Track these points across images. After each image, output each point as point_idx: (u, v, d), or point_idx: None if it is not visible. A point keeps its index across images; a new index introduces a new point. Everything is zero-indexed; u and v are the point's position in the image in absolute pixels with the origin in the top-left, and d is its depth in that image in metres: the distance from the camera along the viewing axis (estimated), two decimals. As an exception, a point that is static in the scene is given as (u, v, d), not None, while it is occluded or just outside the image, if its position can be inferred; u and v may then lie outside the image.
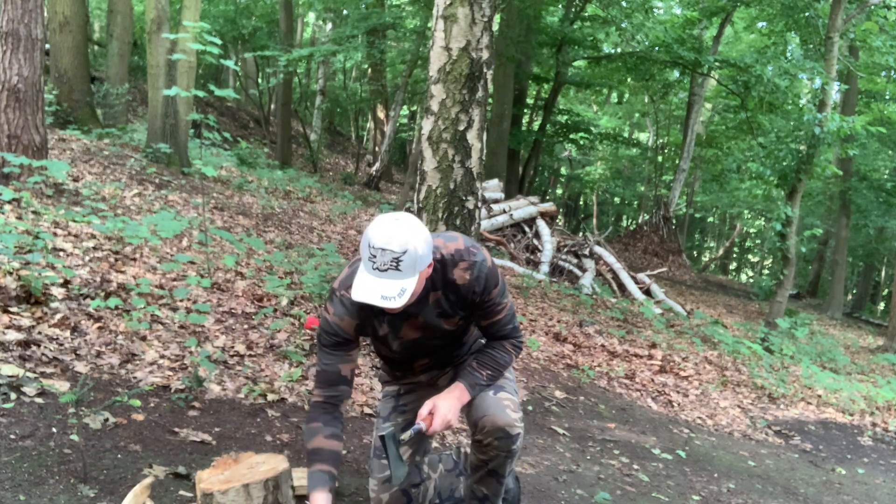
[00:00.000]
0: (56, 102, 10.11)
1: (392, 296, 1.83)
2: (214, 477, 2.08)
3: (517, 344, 2.21)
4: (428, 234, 1.92)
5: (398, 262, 1.82)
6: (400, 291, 1.83)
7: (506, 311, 2.15)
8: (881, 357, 10.60)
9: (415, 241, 1.84)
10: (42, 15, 5.45)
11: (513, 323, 2.19)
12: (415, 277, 1.86)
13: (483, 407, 2.10)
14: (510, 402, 2.13)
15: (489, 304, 2.10)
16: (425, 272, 1.93)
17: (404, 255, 1.82)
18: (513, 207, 11.22)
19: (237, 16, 17.14)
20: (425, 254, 1.88)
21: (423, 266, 1.88)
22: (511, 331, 2.19)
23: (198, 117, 4.76)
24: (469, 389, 2.13)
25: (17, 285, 3.55)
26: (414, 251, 1.83)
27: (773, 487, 4.07)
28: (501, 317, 2.15)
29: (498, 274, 2.12)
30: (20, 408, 2.61)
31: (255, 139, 17.80)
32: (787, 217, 9.14)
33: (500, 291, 2.11)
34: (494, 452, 2.10)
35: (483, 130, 4.11)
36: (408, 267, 1.83)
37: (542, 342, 6.21)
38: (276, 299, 4.89)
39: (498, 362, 2.18)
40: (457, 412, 2.10)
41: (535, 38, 14.42)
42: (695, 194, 24.06)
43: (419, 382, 2.39)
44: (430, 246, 1.90)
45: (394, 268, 1.83)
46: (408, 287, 1.84)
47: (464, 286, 2.04)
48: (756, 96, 13.16)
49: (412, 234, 1.84)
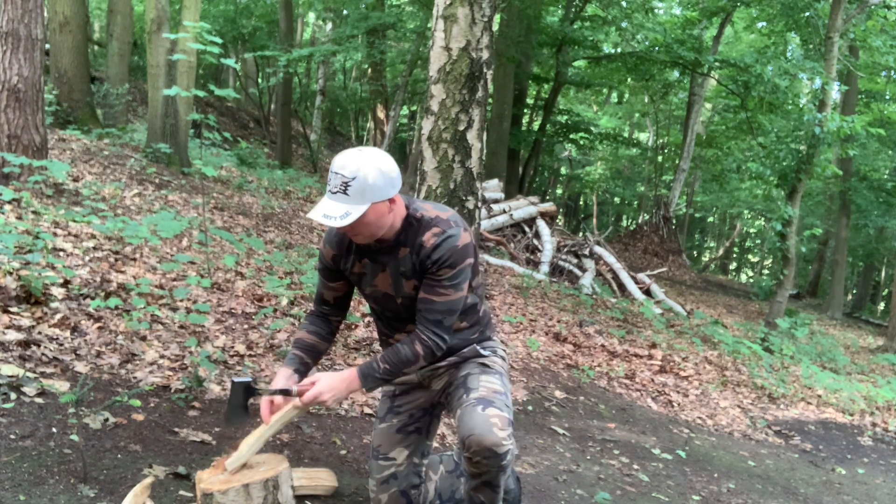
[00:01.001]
0: (56, 102, 10.11)
1: (334, 216, 1.91)
2: (214, 477, 2.08)
3: (429, 343, 2.09)
4: (390, 169, 1.98)
5: (347, 186, 1.92)
6: (344, 214, 1.91)
7: (445, 298, 2.06)
8: (881, 357, 10.60)
9: (366, 169, 1.93)
10: (42, 15, 5.45)
11: (443, 317, 2.07)
12: (363, 205, 1.93)
13: (469, 425, 2.03)
14: (498, 420, 2.04)
15: (435, 280, 2.05)
16: (381, 207, 1.98)
17: (353, 180, 1.92)
18: (513, 207, 11.22)
19: (237, 16, 17.14)
20: (377, 184, 1.94)
21: (374, 196, 1.94)
22: (434, 322, 2.08)
23: (198, 117, 4.76)
24: (361, 378, 2.09)
25: (17, 285, 3.55)
26: (363, 178, 1.92)
27: (773, 487, 4.07)
28: (437, 299, 2.06)
29: (464, 258, 2.06)
30: (20, 408, 2.61)
31: (255, 139, 17.80)
32: (787, 217, 9.14)
33: (453, 277, 2.05)
34: (485, 468, 2.06)
35: (483, 130, 4.12)
36: (355, 192, 1.92)
37: (542, 342, 6.21)
38: (276, 299, 4.89)
39: (400, 359, 2.09)
40: (336, 393, 2.07)
41: (535, 38, 14.42)
42: (695, 194, 24.06)
43: (412, 382, 2.36)
44: (388, 180, 1.96)
45: (342, 191, 1.93)
46: (353, 212, 1.91)
47: (424, 250, 2.05)
48: (756, 96, 13.17)
49: (366, 163, 1.93)
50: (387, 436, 2.36)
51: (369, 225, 1.99)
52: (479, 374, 2.23)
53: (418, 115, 20.20)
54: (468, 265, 2.10)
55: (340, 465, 2.96)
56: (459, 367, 2.30)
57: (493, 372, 2.25)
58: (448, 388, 2.30)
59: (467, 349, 2.30)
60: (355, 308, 5.10)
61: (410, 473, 2.36)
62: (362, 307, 5.10)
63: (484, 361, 2.28)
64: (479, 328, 2.32)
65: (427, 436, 2.41)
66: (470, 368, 2.27)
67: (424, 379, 2.34)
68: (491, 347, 2.34)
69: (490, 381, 2.20)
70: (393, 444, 2.36)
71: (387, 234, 2.08)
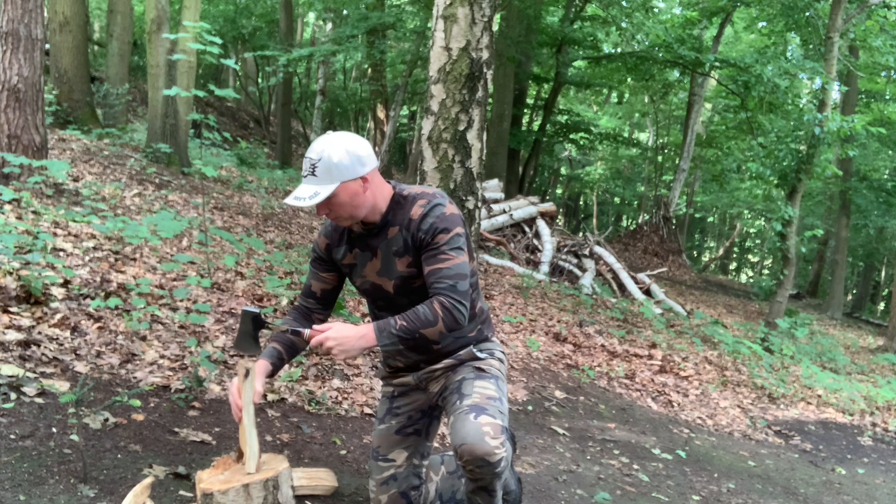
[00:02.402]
0: (56, 102, 10.11)
1: (304, 197, 1.99)
2: (214, 477, 2.08)
3: (448, 305, 2.01)
4: (357, 148, 2.03)
5: (314, 167, 2.00)
6: (312, 194, 1.99)
7: (451, 262, 2.04)
8: (881, 357, 10.60)
9: (331, 149, 2.00)
10: (42, 15, 5.44)
11: (455, 280, 2.03)
12: (331, 185, 1.99)
13: (462, 434, 2.01)
14: (490, 428, 2.00)
15: (433, 247, 2.05)
16: (353, 185, 2.02)
17: (319, 161, 1.99)
18: (513, 207, 11.22)
19: (237, 16, 17.14)
20: (343, 163, 2.00)
21: (343, 175, 2.00)
22: (448, 287, 2.02)
23: (198, 117, 4.76)
24: (376, 332, 2.00)
25: (17, 285, 3.55)
26: (328, 158, 1.99)
27: (773, 487, 4.07)
28: (443, 266, 2.04)
29: (455, 225, 2.07)
30: (20, 408, 2.61)
31: (255, 139, 17.80)
32: (787, 217, 9.14)
33: (451, 241, 2.05)
34: (479, 476, 2.04)
35: (483, 130, 4.11)
36: (322, 173, 1.99)
37: (542, 342, 6.21)
38: (276, 299, 4.89)
39: (419, 317, 2.01)
40: (344, 343, 1.97)
41: (535, 38, 14.42)
42: (695, 194, 24.06)
43: (409, 385, 2.35)
44: (354, 158, 2.01)
45: (311, 173, 2.00)
46: (321, 191, 1.98)
47: (414, 222, 2.08)
48: (756, 96, 13.16)
49: (331, 144, 2.01)
50: (386, 437, 2.36)
51: (344, 205, 2.04)
52: (474, 379, 2.20)
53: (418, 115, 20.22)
54: (461, 233, 2.09)
55: (340, 465, 2.96)
56: (455, 370, 2.27)
57: (489, 376, 2.22)
58: (444, 392, 2.28)
59: (464, 351, 2.27)
60: (355, 308, 5.10)
61: (410, 475, 2.36)
62: (362, 307, 5.10)
63: (480, 365, 2.25)
64: (476, 325, 2.29)
65: (427, 437, 2.41)
66: (465, 373, 2.23)
67: (421, 381, 2.32)
68: (488, 350, 2.31)
69: (484, 386, 2.17)
70: (392, 446, 2.35)
71: (371, 216, 2.12)
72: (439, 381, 2.30)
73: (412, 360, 2.30)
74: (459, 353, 2.28)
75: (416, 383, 2.33)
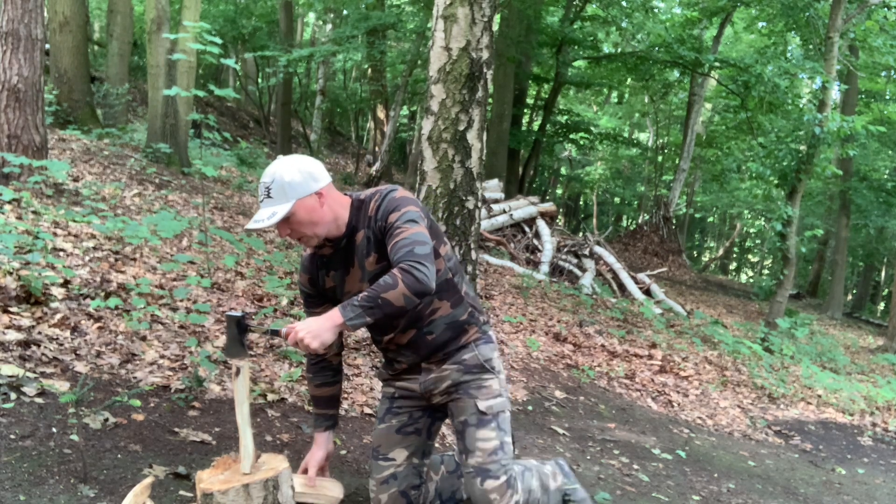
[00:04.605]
0: (56, 102, 10.11)
1: (262, 219, 2.04)
2: (214, 477, 2.08)
3: (406, 267, 1.97)
4: (306, 165, 2.09)
5: (269, 190, 2.06)
6: (270, 214, 2.04)
7: (405, 233, 2.04)
8: (881, 357, 10.60)
9: (282, 170, 2.06)
10: (42, 15, 5.45)
11: (411, 246, 2.01)
12: (287, 203, 2.04)
13: (473, 498, 2.21)
14: (497, 493, 2.19)
15: (389, 228, 2.09)
16: (309, 201, 2.07)
17: (272, 183, 2.05)
18: (513, 207, 11.22)
19: (237, 16, 17.14)
20: (294, 181, 2.05)
21: (297, 192, 2.05)
22: (406, 253, 2.00)
23: (198, 117, 4.76)
24: (341, 309, 1.97)
25: (17, 285, 3.55)
26: (280, 178, 2.04)
27: (773, 487, 4.07)
28: (398, 239, 2.04)
29: (405, 204, 2.11)
30: (20, 408, 2.61)
31: (255, 139, 17.80)
32: (787, 217, 9.14)
33: (402, 217, 2.08)
34: None
35: (483, 130, 4.11)
36: (277, 193, 2.04)
37: (542, 342, 6.21)
38: (276, 299, 4.89)
39: (379, 284, 1.97)
40: (313, 330, 1.94)
41: (535, 38, 14.42)
42: (695, 194, 24.06)
43: (413, 392, 2.35)
44: (306, 175, 2.07)
45: (266, 195, 2.06)
46: (278, 211, 2.03)
47: (372, 216, 2.15)
48: (756, 96, 13.16)
49: (282, 165, 2.07)
50: (386, 436, 2.36)
51: (303, 223, 2.08)
52: (476, 427, 2.24)
53: (418, 115, 20.21)
54: (414, 210, 2.11)
55: (340, 465, 2.96)
56: (460, 392, 2.27)
57: (489, 420, 2.25)
58: (450, 416, 2.32)
59: (468, 356, 2.27)
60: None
61: (410, 474, 2.35)
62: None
63: (482, 403, 2.25)
64: (468, 309, 2.29)
65: (428, 437, 2.41)
66: (467, 410, 2.25)
67: (426, 391, 2.31)
68: (488, 362, 2.30)
69: (486, 437, 2.23)
70: (392, 445, 2.35)
71: (335, 230, 2.16)
72: (442, 395, 2.31)
73: (412, 360, 2.30)
74: (464, 356, 2.27)
75: (422, 393, 2.33)
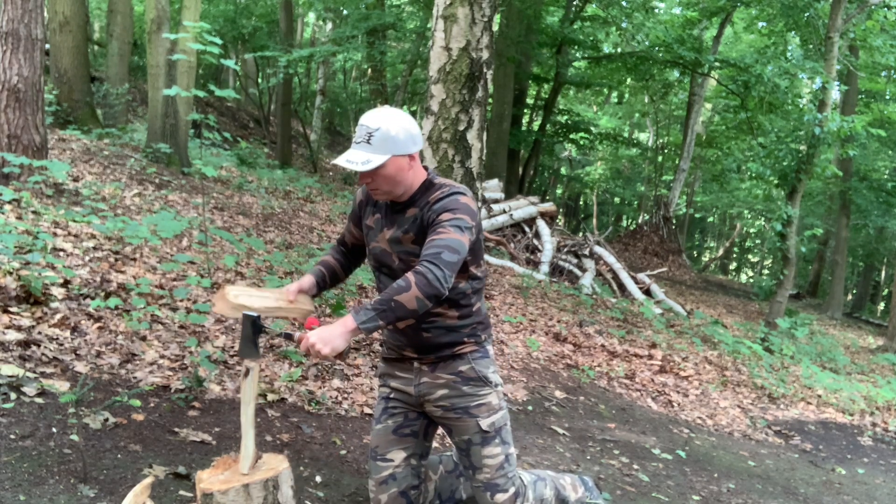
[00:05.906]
0: (56, 102, 10.11)
1: (357, 161, 2.05)
2: (214, 477, 2.08)
3: (422, 270, 1.95)
4: (412, 127, 2.12)
5: (370, 136, 2.06)
6: (365, 160, 2.05)
7: (446, 235, 2.02)
8: (881, 357, 10.60)
9: (389, 122, 2.07)
10: (42, 15, 5.44)
11: (441, 249, 1.99)
12: (384, 156, 2.05)
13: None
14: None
15: (436, 223, 2.09)
16: (401, 161, 2.09)
17: (377, 131, 2.06)
18: (513, 207, 11.22)
19: (237, 16, 17.14)
20: (399, 137, 2.07)
21: (395, 148, 2.07)
22: (433, 255, 1.98)
23: (198, 117, 4.76)
24: (353, 313, 1.97)
25: (17, 285, 3.55)
26: (386, 130, 2.06)
27: (773, 487, 4.07)
28: (436, 237, 2.03)
29: (464, 211, 2.09)
30: (20, 408, 2.61)
31: (255, 139, 17.80)
32: (787, 217, 9.14)
33: (453, 220, 2.06)
34: None
35: (483, 130, 4.11)
36: (378, 142, 2.06)
37: (542, 342, 6.21)
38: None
39: (392, 287, 1.96)
40: (327, 338, 1.93)
41: (535, 38, 14.42)
42: (695, 194, 24.05)
43: (408, 395, 2.34)
44: (409, 135, 2.10)
45: (366, 141, 2.06)
46: (373, 160, 2.04)
47: (429, 204, 2.15)
48: (756, 96, 13.16)
49: (390, 118, 2.08)
50: (384, 437, 2.36)
51: (388, 178, 2.10)
52: (482, 445, 2.27)
53: (418, 115, 20.20)
54: (469, 221, 2.09)
55: (340, 465, 2.96)
56: (457, 408, 2.27)
57: (492, 437, 2.28)
58: (448, 432, 2.33)
59: (464, 367, 2.26)
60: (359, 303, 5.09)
61: (409, 474, 2.35)
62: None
63: (482, 416, 2.27)
64: (472, 324, 2.27)
65: (425, 438, 2.40)
66: (470, 430, 2.27)
67: (420, 395, 2.31)
68: (484, 376, 2.29)
69: (492, 454, 2.28)
70: (390, 446, 2.35)
71: (402, 196, 2.18)
72: (436, 404, 2.29)
73: (403, 343, 2.28)
74: (460, 367, 2.26)
75: (416, 396, 2.32)
